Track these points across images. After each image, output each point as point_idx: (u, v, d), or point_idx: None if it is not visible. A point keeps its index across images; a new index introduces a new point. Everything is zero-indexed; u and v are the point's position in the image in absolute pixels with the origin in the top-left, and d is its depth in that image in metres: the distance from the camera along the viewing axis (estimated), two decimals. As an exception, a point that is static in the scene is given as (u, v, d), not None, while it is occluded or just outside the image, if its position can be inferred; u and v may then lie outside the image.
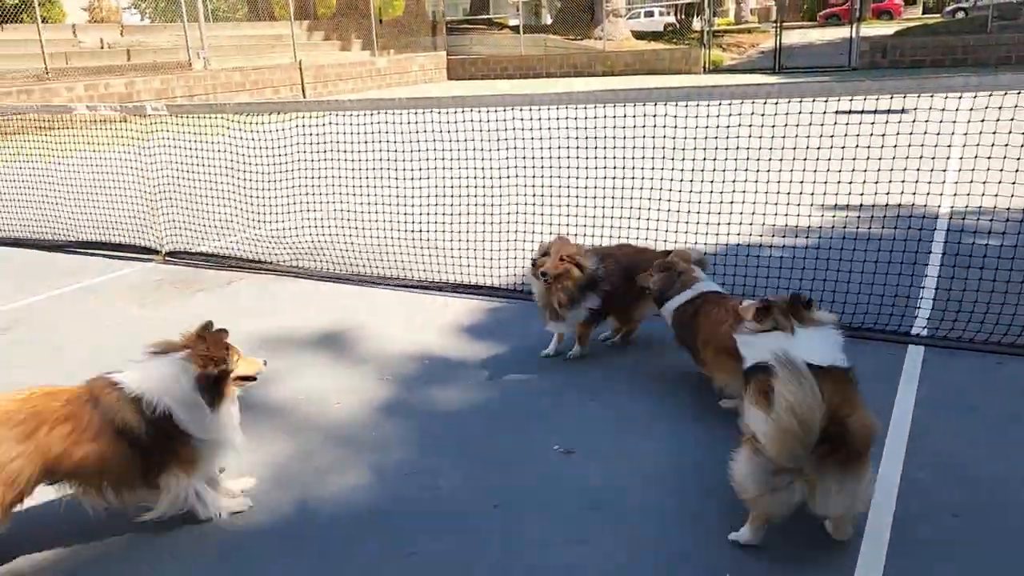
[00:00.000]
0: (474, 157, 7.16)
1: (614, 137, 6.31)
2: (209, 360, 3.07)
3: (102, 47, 23.55)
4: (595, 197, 6.41)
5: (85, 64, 21.40)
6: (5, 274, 7.16)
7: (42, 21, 20.51)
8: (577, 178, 6.52)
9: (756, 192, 5.74)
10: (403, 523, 3.28)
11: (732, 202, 5.95)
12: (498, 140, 6.72)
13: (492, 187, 7.08)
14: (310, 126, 7.48)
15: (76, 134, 9.10)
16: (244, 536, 3.25)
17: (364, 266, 6.64)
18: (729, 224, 5.87)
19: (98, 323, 5.88)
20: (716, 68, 27.80)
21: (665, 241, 6.04)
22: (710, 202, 6.32)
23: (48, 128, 10.85)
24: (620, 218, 6.22)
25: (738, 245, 5.93)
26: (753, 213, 5.72)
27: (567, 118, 6.23)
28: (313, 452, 3.82)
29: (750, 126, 5.74)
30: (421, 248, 6.67)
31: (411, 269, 6.44)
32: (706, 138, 6.19)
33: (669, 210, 6.10)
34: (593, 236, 6.31)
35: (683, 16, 39.78)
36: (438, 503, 3.41)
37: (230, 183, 7.80)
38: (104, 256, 7.59)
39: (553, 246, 4.61)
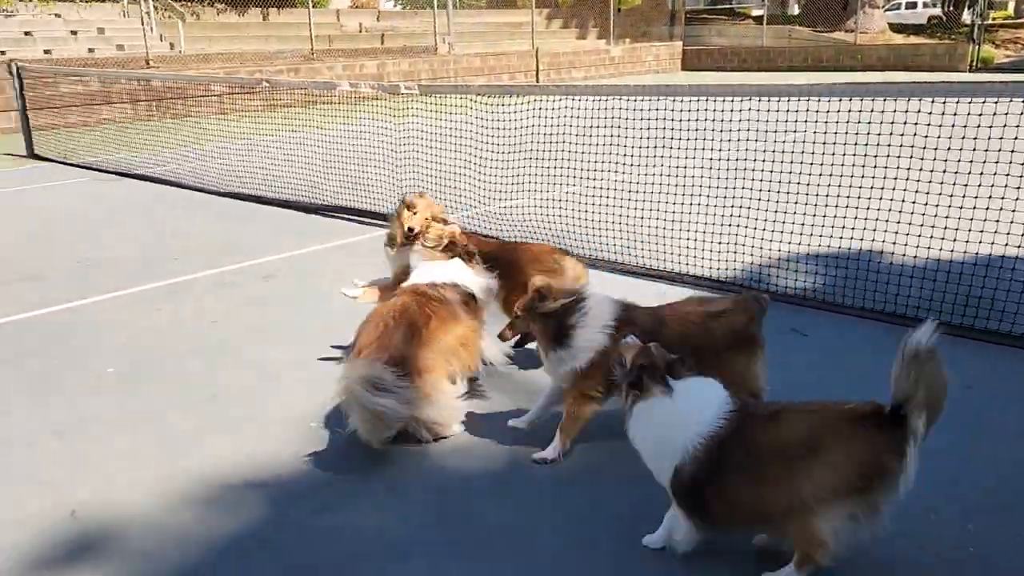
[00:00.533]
0: (704, 147, 7.09)
1: (856, 133, 5.99)
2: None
3: (360, 31, 25.62)
4: (827, 195, 6.13)
5: (344, 46, 23.41)
6: (273, 230, 8.08)
7: (312, 6, 22.67)
8: (811, 174, 6.25)
9: (1018, 199, 5.22)
10: (611, 482, 3.40)
11: (988, 208, 5.45)
12: (729, 131, 6.61)
13: (720, 177, 6.97)
14: (544, 110, 7.75)
15: (336, 109, 10.03)
16: (459, 478, 3.51)
17: (584, 248, 6.80)
18: (983, 231, 5.39)
19: (342, 277, 6.50)
20: (985, 66, 25.20)
21: (906, 246, 5.67)
22: (962, 207, 5.83)
23: (311, 102, 12.06)
24: (855, 218, 5.90)
25: (990, 255, 5.43)
26: (1012, 222, 5.21)
27: (807, 111, 5.99)
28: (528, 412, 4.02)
29: (1017, 126, 5.22)
30: (642, 234, 6.72)
31: (631, 255, 6.51)
32: (964, 138, 5.70)
33: (913, 212, 5.70)
34: (822, 238, 6.04)
35: (951, 8, 36.28)
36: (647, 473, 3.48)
37: (466, 160, 8.27)
38: (351, 220, 8.34)
39: (420, 203, 4.80)
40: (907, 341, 2.49)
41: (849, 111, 5.94)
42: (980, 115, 5.23)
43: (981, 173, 5.52)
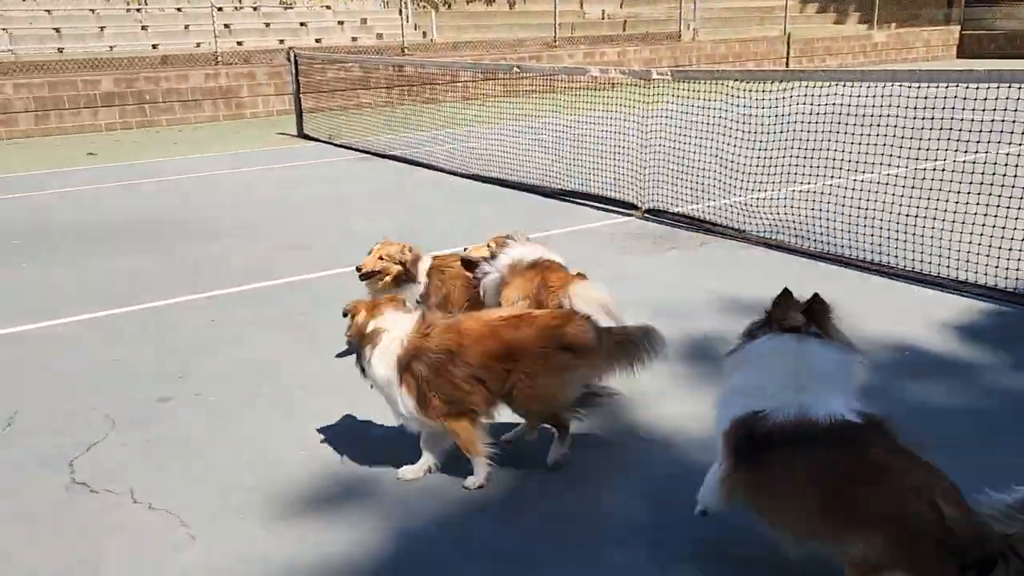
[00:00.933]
0: (985, 139, 6.27)
1: None
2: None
3: (603, 18, 25.59)
4: None
5: (586, 33, 23.50)
6: (515, 212, 8.24)
7: (557, -6, 22.91)
8: None
9: None
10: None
11: None
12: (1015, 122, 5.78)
13: (1002, 175, 6.12)
14: (803, 97, 7.24)
15: (579, 95, 10.02)
16: (688, 466, 3.32)
17: (842, 246, 6.28)
18: None
19: (581, 263, 6.46)
20: None
21: None
22: None
23: (553, 89, 12.15)
24: None
25: None
26: None
27: None
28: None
29: None
30: (910, 234, 6.08)
31: (896, 255, 5.92)
32: None
33: None
34: None
35: None
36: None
37: (715, 150, 7.92)
38: (590, 206, 8.31)
39: (375, 247, 4.64)
40: None
41: None
42: None
43: None
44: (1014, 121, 5.86)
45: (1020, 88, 5.51)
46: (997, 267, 5.45)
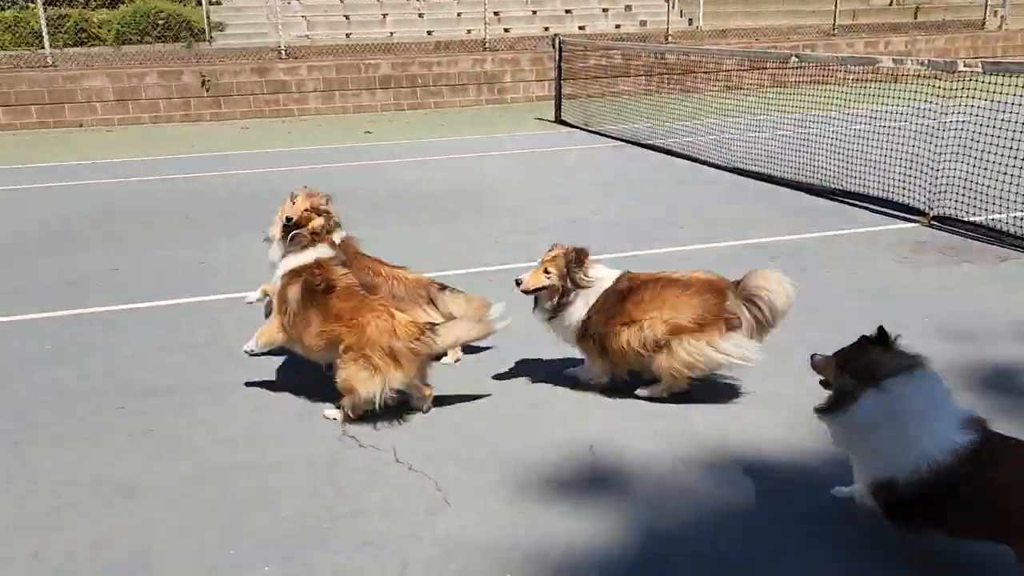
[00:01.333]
0: None
1: None
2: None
3: (891, 4, 23.46)
4: None
5: (871, 21, 21.68)
6: (780, 210, 7.74)
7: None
8: None
9: None
10: None
11: None
12: None
13: None
14: None
15: (855, 87, 9.20)
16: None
17: None
18: None
19: (856, 269, 5.95)
20: None
21: None
22: None
23: (826, 80, 11.25)
24: None
25: None
26: None
27: None
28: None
29: None
30: None
31: None
32: None
33: None
34: None
35: None
36: None
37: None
38: (867, 209, 7.60)
39: (299, 195, 4.46)
40: None
41: None
42: None
43: None
44: None
45: None
46: None
